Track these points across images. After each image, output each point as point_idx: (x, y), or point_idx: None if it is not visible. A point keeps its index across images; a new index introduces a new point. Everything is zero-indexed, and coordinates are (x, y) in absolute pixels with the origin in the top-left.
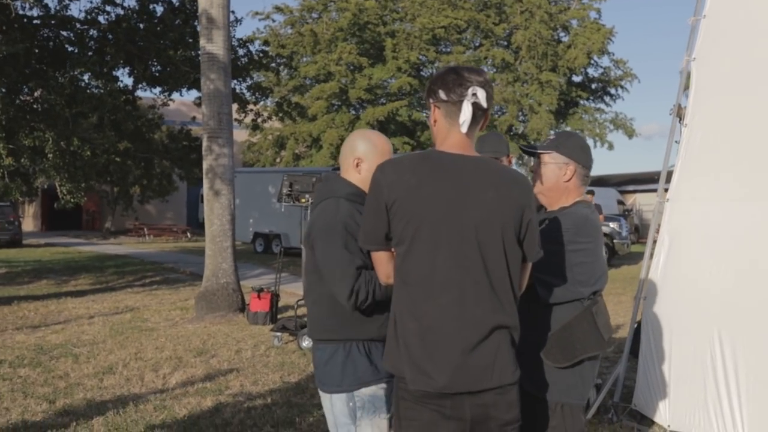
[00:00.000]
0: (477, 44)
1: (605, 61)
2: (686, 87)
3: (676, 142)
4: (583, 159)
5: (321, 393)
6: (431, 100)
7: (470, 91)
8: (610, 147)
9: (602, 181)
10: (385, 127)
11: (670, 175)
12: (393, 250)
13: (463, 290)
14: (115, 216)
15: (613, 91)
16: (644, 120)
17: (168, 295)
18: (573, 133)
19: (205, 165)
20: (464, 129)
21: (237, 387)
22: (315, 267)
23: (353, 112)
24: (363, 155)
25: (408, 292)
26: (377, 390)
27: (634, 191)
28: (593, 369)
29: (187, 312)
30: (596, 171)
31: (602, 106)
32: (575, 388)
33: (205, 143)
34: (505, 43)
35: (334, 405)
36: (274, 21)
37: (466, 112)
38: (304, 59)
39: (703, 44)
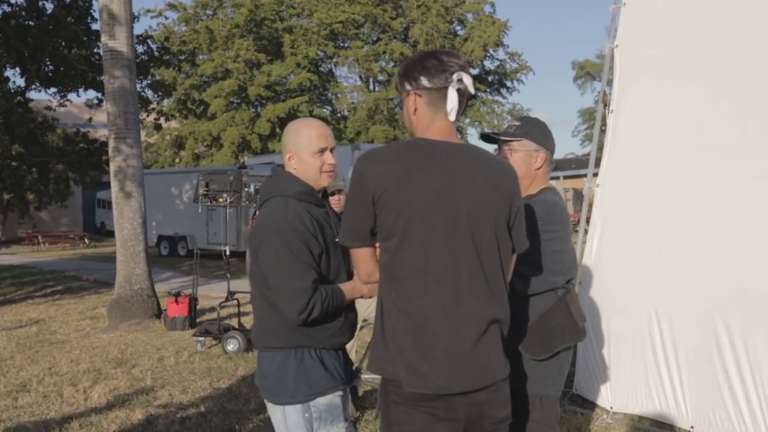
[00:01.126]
0: (375, 39)
1: (501, 54)
2: (610, 74)
3: (602, 129)
4: (550, 144)
5: (270, 405)
6: (409, 88)
7: (455, 76)
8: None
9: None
10: (286, 124)
11: (599, 160)
12: (377, 246)
13: (458, 284)
14: (7, 224)
15: (509, 83)
16: (539, 109)
17: (74, 305)
18: (537, 119)
19: (113, 166)
20: (452, 117)
21: (165, 397)
22: (261, 273)
23: (253, 109)
24: (292, 148)
25: (398, 288)
26: (334, 398)
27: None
28: (568, 359)
29: (98, 321)
30: None
31: (499, 98)
32: (553, 380)
33: (112, 144)
34: (403, 37)
35: (287, 417)
36: (167, 18)
37: (453, 99)
38: (201, 57)
39: (624, 31)
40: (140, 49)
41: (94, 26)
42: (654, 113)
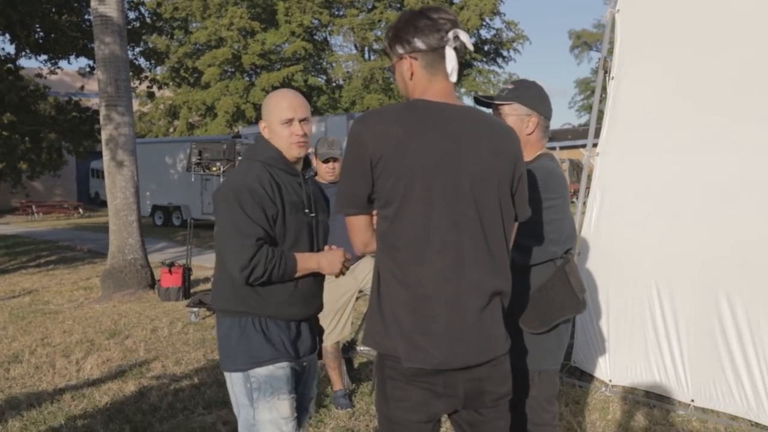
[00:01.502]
0: (370, 7)
1: (497, 23)
2: (611, 39)
3: (602, 97)
4: (545, 109)
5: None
6: (402, 52)
7: (450, 34)
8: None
9: None
10: None
11: (599, 130)
12: (374, 214)
13: (460, 252)
14: (0, 194)
15: (505, 53)
16: (535, 78)
17: (67, 275)
18: (533, 82)
19: (104, 135)
20: (454, 78)
21: (159, 368)
22: (215, 231)
23: (247, 78)
24: (264, 118)
25: (396, 257)
26: (275, 370)
27: None
28: (567, 331)
29: (91, 291)
30: None
31: (495, 68)
32: (552, 354)
33: (103, 112)
34: (398, 5)
35: (233, 384)
36: None
37: (453, 59)
38: (194, 25)
39: None
40: (132, 15)
41: None
42: (656, 81)
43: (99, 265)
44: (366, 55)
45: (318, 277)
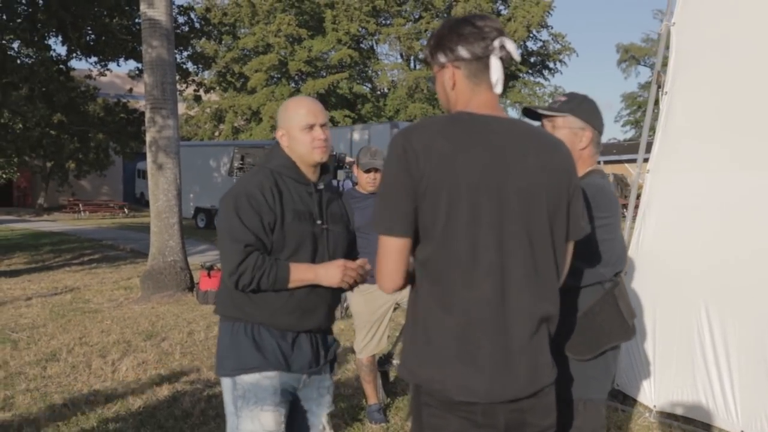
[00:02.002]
0: (417, 16)
1: (544, 35)
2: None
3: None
4: (598, 123)
5: None
6: (444, 60)
7: (497, 43)
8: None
9: None
10: (325, 100)
11: (649, 146)
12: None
13: (506, 275)
14: (49, 192)
15: (551, 65)
16: (581, 91)
17: (109, 274)
18: (586, 95)
19: (148, 137)
20: (499, 89)
21: (193, 373)
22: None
23: (293, 84)
24: (281, 125)
25: (440, 281)
26: (261, 379)
27: None
28: (615, 359)
29: (131, 292)
30: None
31: (541, 80)
32: (598, 382)
33: (148, 114)
34: (446, 15)
35: (224, 390)
36: None
37: (498, 69)
38: (242, 30)
39: (683, 9)
40: (181, 20)
41: None
42: (710, 97)
43: (140, 265)
44: (411, 65)
45: (322, 290)
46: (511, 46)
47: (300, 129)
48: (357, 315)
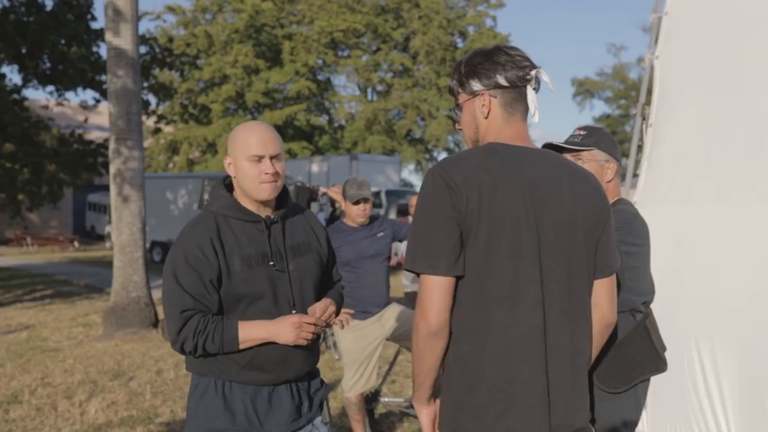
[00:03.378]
0: (375, 48)
1: None
2: (650, 86)
3: (639, 145)
4: (619, 155)
5: None
6: (479, 87)
7: (533, 73)
8: None
9: None
10: (283, 131)
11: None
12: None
13: (547, 310)
14: None
15: None
16: (537, 125)
17: (65, 310)
18: (602, 128)
19: (112, 169)
20: (536, 118)
21: (167, 414)
22: None
23: (250, 115)
24: (229, 153)
25: (487, 319)
26: None
27: None
28: (645, 391)
29: (91, 329)
30: None
31: None
32: (629, 415)
33: (112, 145)
34: (403, 47)
35: None
36: (165, 21)
37: (534, 99)
38: (199, 61)
39: (666, 42)
40: (143, 50)
41: (94, 25)
42: (696, 128)
43: (97, 300)
44: (369, 96)
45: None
46: (546, 78)
47: (247, 159)
48: (346, 353)
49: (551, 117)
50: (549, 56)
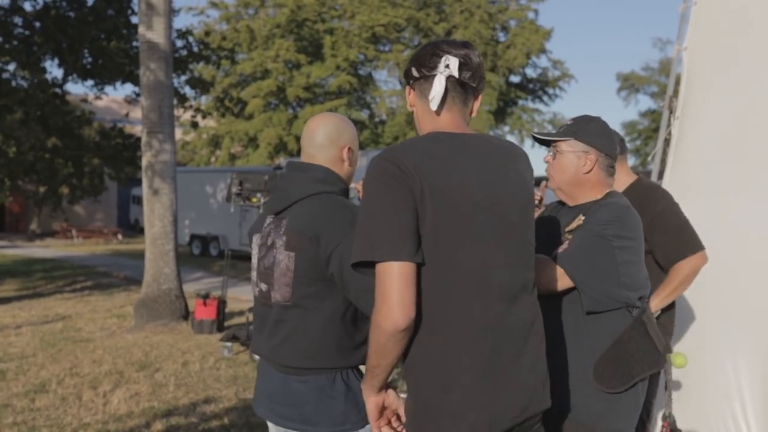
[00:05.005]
0: (416, 43)
1: (543, 61)
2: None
3: (666, 138)
4: (606, 146)
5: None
6: (408, 85)
7: (443, 61)
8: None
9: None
10: None
11: (661, 173)
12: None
13: (514, 293)
14: (42, 217)
15: (551, 91)
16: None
17: (102, 302)
18: (593, 117)
19: (144, 162)
20: (433, 106)
21: (188, 405)
22: (315, 275)
23: (291, 110)
24: (351, 142)
25: (448, 306)
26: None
27: None
28: (644, 390)
29: (124, 320)
30: (537, 171)
31: (540, 106)
32: (629, 414)
33: (144, 138)
34: None
35: None
36: (208, 17)
37: (437, 87)
38: (240, 56)
39: (694, 33)
40: (179, 43)
41: (134, 19)
42: (724, 120)
43: (134, 292)
44: None
45: None
46: (453, 64)
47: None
48: None
49: (596, 113)
50: (593, 50)
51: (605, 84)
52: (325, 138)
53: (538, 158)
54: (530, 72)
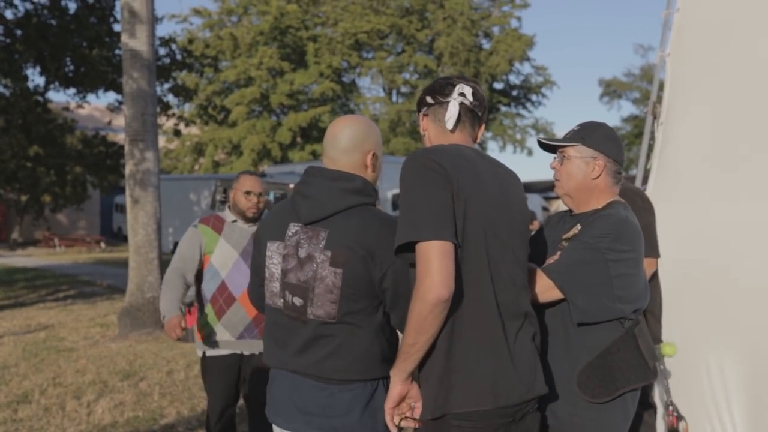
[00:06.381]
0: (399, 50)
1: (526, 68)
2: (661, 83)
3: (650, 143)
4: (614, 152)
5: None
6: (420, 112)
7: (457, 89)
8: (530, 153)
9: (526, 188)
10: (307, 133)
11: (645, 179)
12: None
13: (519, 286)
14: (24, 226)
15: (534, 97)
16: (564, 125)
17: (85, 311)
18: (600, 123)
19: (127, 170)
20: (450, 125)
21: (173, 415)
22: (364, 292)
23: (274, 117)
24: (376, 148)
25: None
26: None
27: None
28: (634, 402)
29: (108, 329)
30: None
31: (523, 112)
32: (616, 427)
33: (127, 147)
34: (428, 49)
35: None
36: (191, 24)
37: (452, 110)
38: (224, 63)
39: (677, 39)
40: (162, 51)
41: (117, 27)
42: (707, 126)
43: (117, 301)
44: (393, 98)
45: None
46: (467, 91)
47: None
48: None
49: (578, 119)
50: (575, 57)
51: (588, 90)
52: (349, 142)
53: (521, 165)
54: (513, 78)
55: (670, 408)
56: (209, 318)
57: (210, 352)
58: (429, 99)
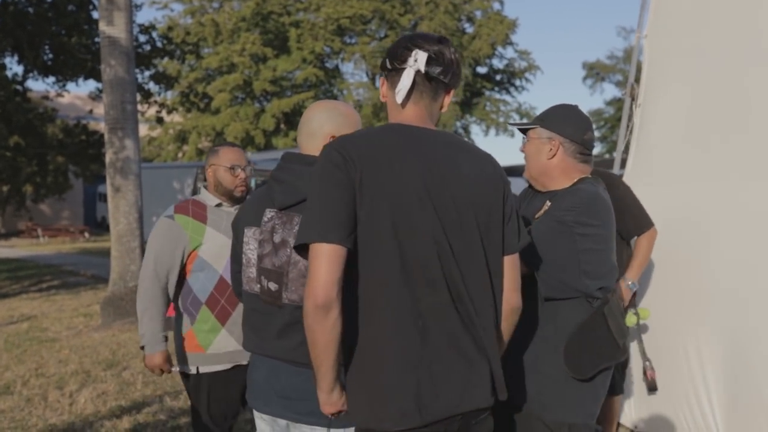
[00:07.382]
0: (382, 35)
1: (509, 52)
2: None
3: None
4: (570, 131)
5: (298, 426)
6: (382, 74)
7: (413, 55)
8: (512, 135)
9: (511, 171)
10: (291, 120)
11: (624, 161)
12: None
13: (457, 287)
14: (6, 216)
15: (517, 82)
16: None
17: (68, 301)
18: (566, 105)
19: (107, 158)
20: (398, 99)
21: (156, 403)
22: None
23: (258, 104)
24: (336, 130)
25: (377, 297)
26: None
27: None
28: (605, 382)
29: (91, 319)
30: (504, 161)
31: (507, 97)
32: (585, 406)
33: (106, 135)
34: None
35: None
36: (172, 10)
37: (405, 81)
38: (206, 50)
39: (654, 20)
40: (142, 38)
41: (96, 15)
42: (685, 106)
43: (101, 291)
44: (376, 83)
45: None
46: (421, 59)
47: None
48: None
49: (562, 101)
50: (559, 40)
51: (571, 73)
52: (311, 126)
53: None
54: (497, 63)
55: (649, 366)
56: (208, 324)
57: (205, 368)
58: (387, 63)
